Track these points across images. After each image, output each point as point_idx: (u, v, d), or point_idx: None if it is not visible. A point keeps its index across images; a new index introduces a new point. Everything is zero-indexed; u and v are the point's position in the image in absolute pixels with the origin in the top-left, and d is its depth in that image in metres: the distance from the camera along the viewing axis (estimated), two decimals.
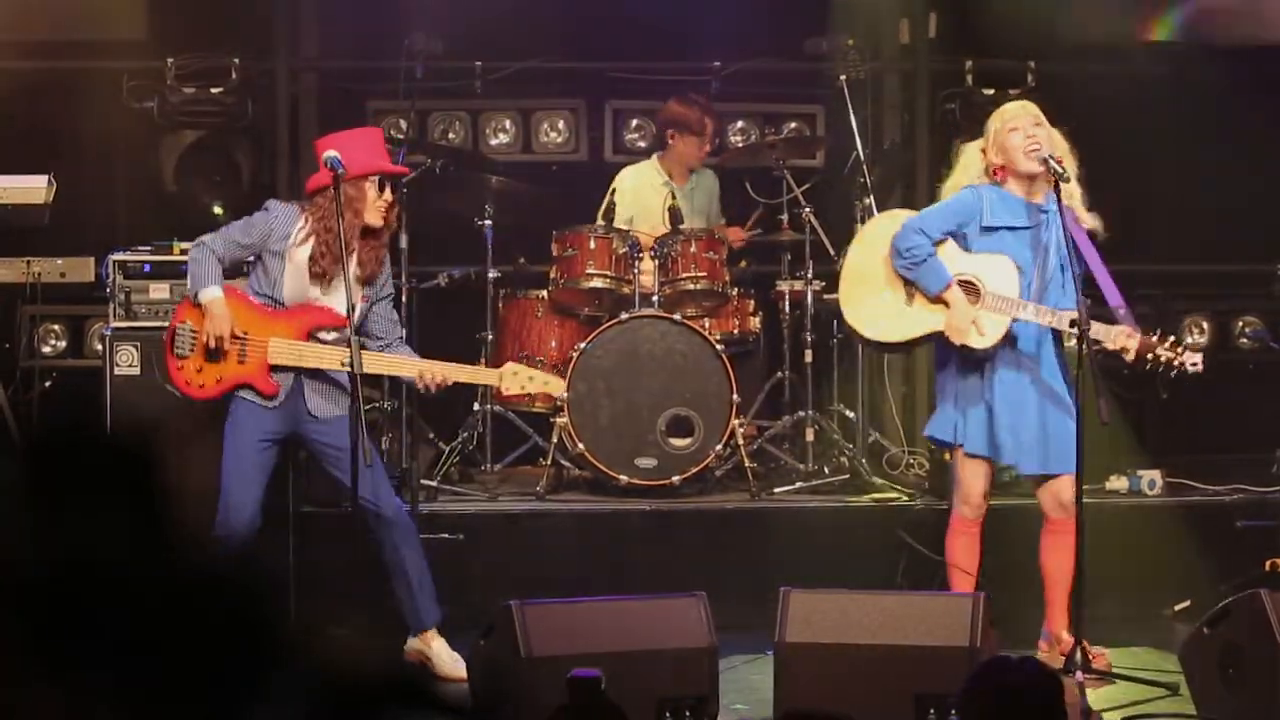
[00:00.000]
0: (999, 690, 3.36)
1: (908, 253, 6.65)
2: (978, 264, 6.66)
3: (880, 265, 6.78)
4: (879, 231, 6.90)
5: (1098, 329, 6.46)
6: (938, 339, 6.72)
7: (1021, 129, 6.63)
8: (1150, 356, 6.51)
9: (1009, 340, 6.63)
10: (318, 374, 6.61)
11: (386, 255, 6.79)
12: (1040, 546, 6.69)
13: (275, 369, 6.59)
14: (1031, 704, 3.36)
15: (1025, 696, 3.36)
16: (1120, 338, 6.50)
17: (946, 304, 6.64)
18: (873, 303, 6.81)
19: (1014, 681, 3.39)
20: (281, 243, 6.59)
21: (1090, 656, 6.57)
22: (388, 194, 6.65)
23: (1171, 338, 6.59)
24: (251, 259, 6.69)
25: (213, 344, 6.54)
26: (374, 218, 6.62)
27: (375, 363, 6.67)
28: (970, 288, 6.64)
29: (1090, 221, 6.66)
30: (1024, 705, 3.35)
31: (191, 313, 6.62)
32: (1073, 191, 6.65)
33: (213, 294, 6.55)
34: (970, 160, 6.80)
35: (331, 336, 6.61)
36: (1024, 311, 6.57)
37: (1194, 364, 6.52)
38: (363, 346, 6.62)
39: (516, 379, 6.71)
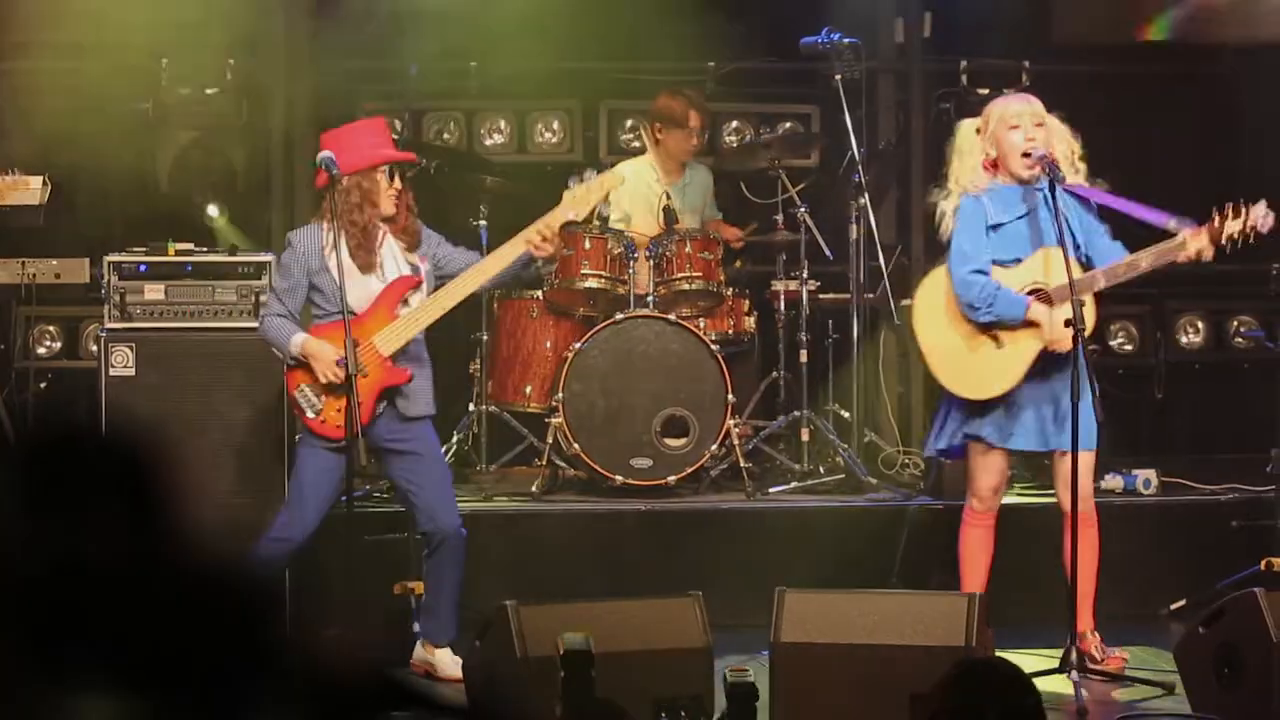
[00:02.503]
0: (972, 693, 3.35)
1: (980, 300, 6.54)
2: (1027, 272, 6.57)
3: (953, 328, 6.66)
4: (931, 298, 6.78)
5: (1164, 248, 6.41)
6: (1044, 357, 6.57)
7: (1022, 128, 6.59)
8: (1224, 241, 6.42)
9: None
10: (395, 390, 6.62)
11: (417, 223, 6.77)
12: (1064, 544, 6.64)
13: (395, 358, 6.58)
14: (1005, 707, 3.35)
15: (1000, 700, 3.35)
16: (1190, 245, 6.41)
17: (1034, 323, 6.53)
18: (972, 366, 6.66)
19: (987, 684, 3.38)
20: (318, 259, 6.58)
21: (1105, 659, 6.58)
22: (398, 181, 6.66)
23: (1228, 208, 6.47)
24: (307, 292, 6.65)
25: (331, 378, 6.50)
26: (387, 206, 6.64)
27: (479, 269, 6.70)
28: (1040, 294, 6.58)
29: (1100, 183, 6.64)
30: (999, 709, 3.34)
31: (297, 374, 6.59)
32: (1079, 168, 6.62)
33: (301, 339, 6.54)
34: (968, 144, 6.75)
35: (416, 297, 6.65)
36: (1099, 282, 6.48)
37: (1264, 216, 6.43)
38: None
39: (579, 200, 6.77)
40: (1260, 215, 6.43)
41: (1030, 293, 6.55)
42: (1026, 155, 6.55)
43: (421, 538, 6.75)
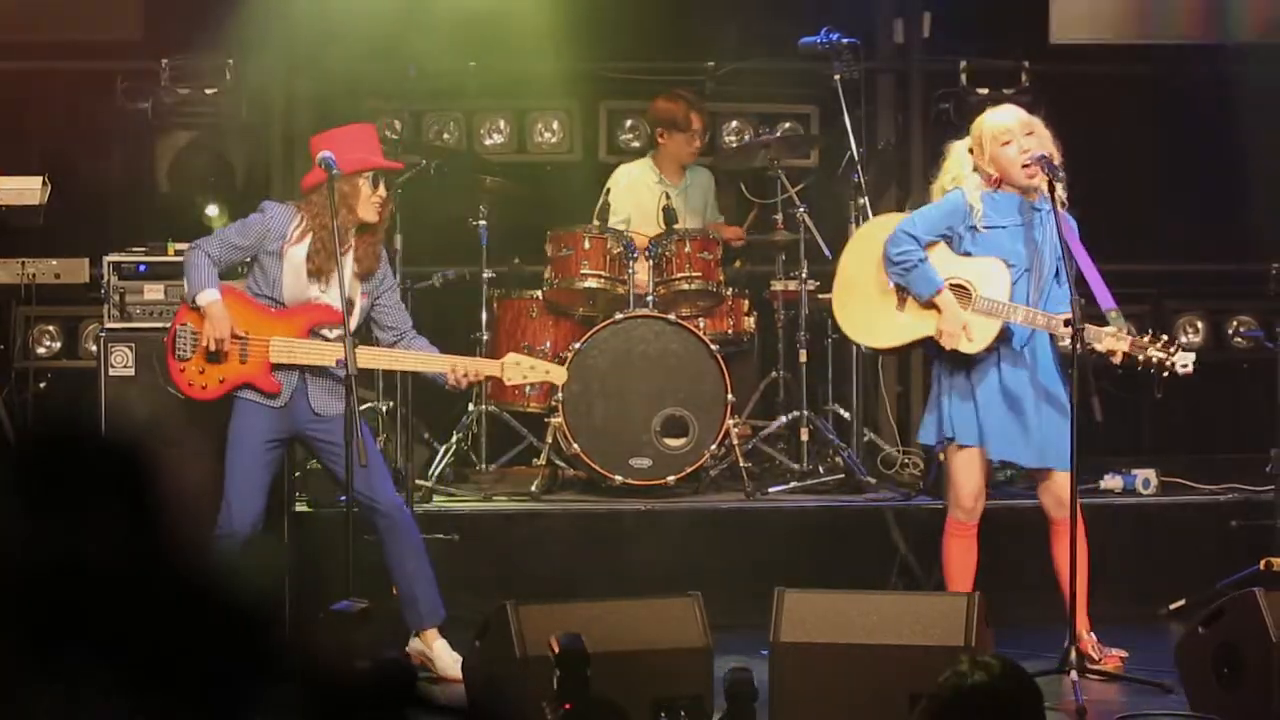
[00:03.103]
0: (967, 692, 3.34)
1: (899, 258, 6.65)
2: (969, 267, 6.65)
3: (873, 270, 6.78)
4: (871, 237, 6.90)
5: (1088, 331, 6.45)
6: (929, 343, 6.72)
7: (1015, 141, 6.60)
8: (1141, 357, 6.49)
9: (1004, 338, 6.62)
10: (321, 372, 6.61)
11: (384, 251, 6.80)
12: (1052, 550, 6.67)
13: (277, 368, 6.59)
14: (1004, 706, 3.34)
15: (996, 699, 3.35)
16: (1109, 339, 6.47)
17: (938, 308, 6.64)
18: (865, 308, 6.82)
19: (983, 684, 3.38)
20: (278, 242, 6.59)
21: (1103, 658, 6.59)
22: (381, 189, 6.66)
23: (1164, 337, 6.57)
24: (248, 260, 6.69)
25: (213, 346, 6.54)
26: (368, 213, 6.62)
27: (399, 359, 6.75)
28: (961, 291, 6.64)
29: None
30: (997, 708, 3.33)
31: (191, 315, 6.62)
32: (1060, 177, 6.64)
33: (210, 296, 6.54)
34: (958, 161, 6.77)
35: (334, 334, 6.60)
36: (1015, 315, 6.56)
37: (1184, 365, 6.49)
38: (374, 339, 6.65)
39: (518, 369, 6.73)
40: (1181, 362, 6.48)
41: (952, 286, 6.61)
42: (1027, 165, 6.56)
43: (372, 532, 6.69)
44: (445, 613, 6.73)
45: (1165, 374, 6.50)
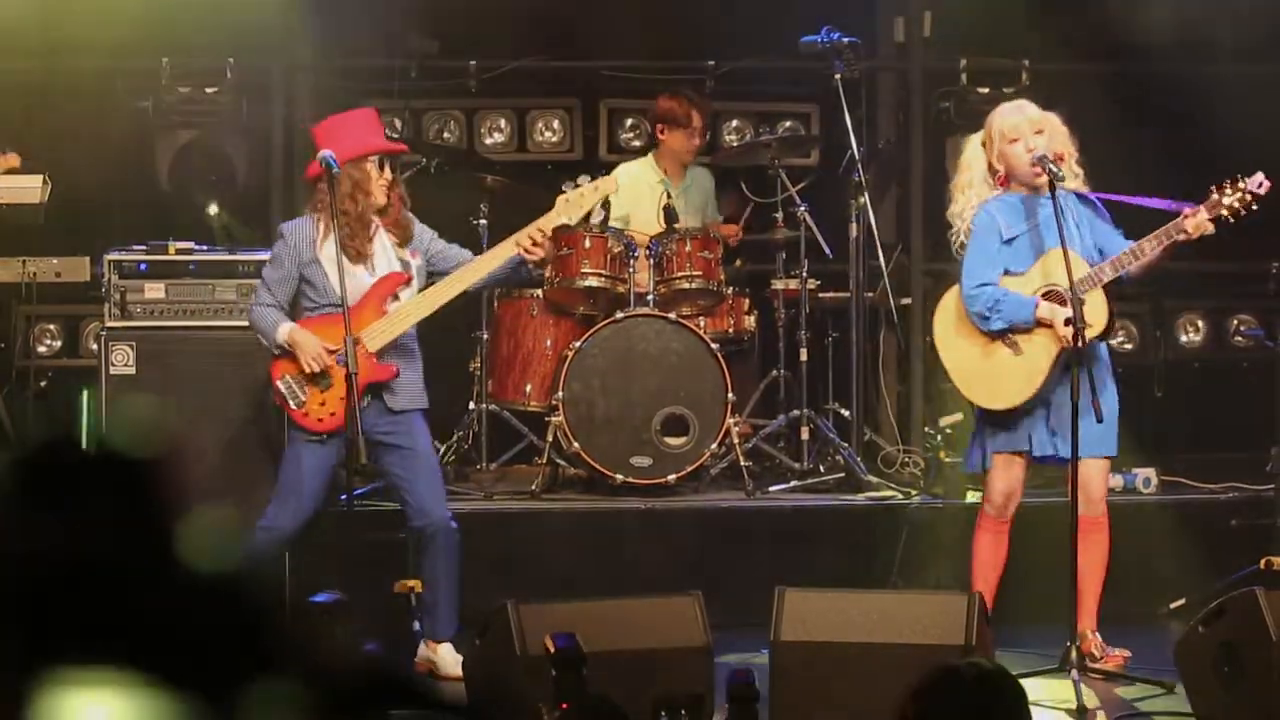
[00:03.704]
0: (957, 692, 3.34)
1: (987, 310, 6.56)
2: (1040, 273, 6.58)
3: (970, 344, 6.68)
4: (946, 317, 6.79)
5: (1162, 232, 6.47)
6: (1067, 356, 6.53)
7: (1022, 139, 6.60)
8: (1225, 213, 6.47)
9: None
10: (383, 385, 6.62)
11: (409, 217, 6.81)
12: (1074, 548, 6.64)
13: (381, 354, 6.60)
14: (992, 707, 3.34)
15: (985, 699, 3.35)
16: (1188, 223, 6.45)
17: (1042, 323, 6.54)
18: (996, 378, 6.66)
19: (972, 684, 3.38)
20: (310, 251, 6.62)
21: (1105, 657, 6.58)
22: (388, 172, 6.68)
23: (1226, 184, 6.52)
24: (298, 284, 6.68)
25: (315, 366, 6.53)
26: (380, 196, 6.66)
27: (473, 270, 6.76)
28: (1053, 294, 6.58)
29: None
30: (986, 708, 3.33)
31: (282, 364, 6.62)
32: (1078, 172, 6.64)
33: (287, 328, 6.58)
34: (974, 156, 6.76)
35: (405, 293, 6.66)
36: (1106, 274, 6.50)
37: (1259, 185, 6.48)
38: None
39: (572, 204, 6.83)
40: (1256, 183, 6.47)
41: (1044, 295, 6.56)
42: (1034, 164, 6.55)
43: (414, 534, 6.74)
44: (458, 628, 6.74)
45: (1252, 205, 6.47)
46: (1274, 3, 9.19)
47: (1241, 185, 6.47)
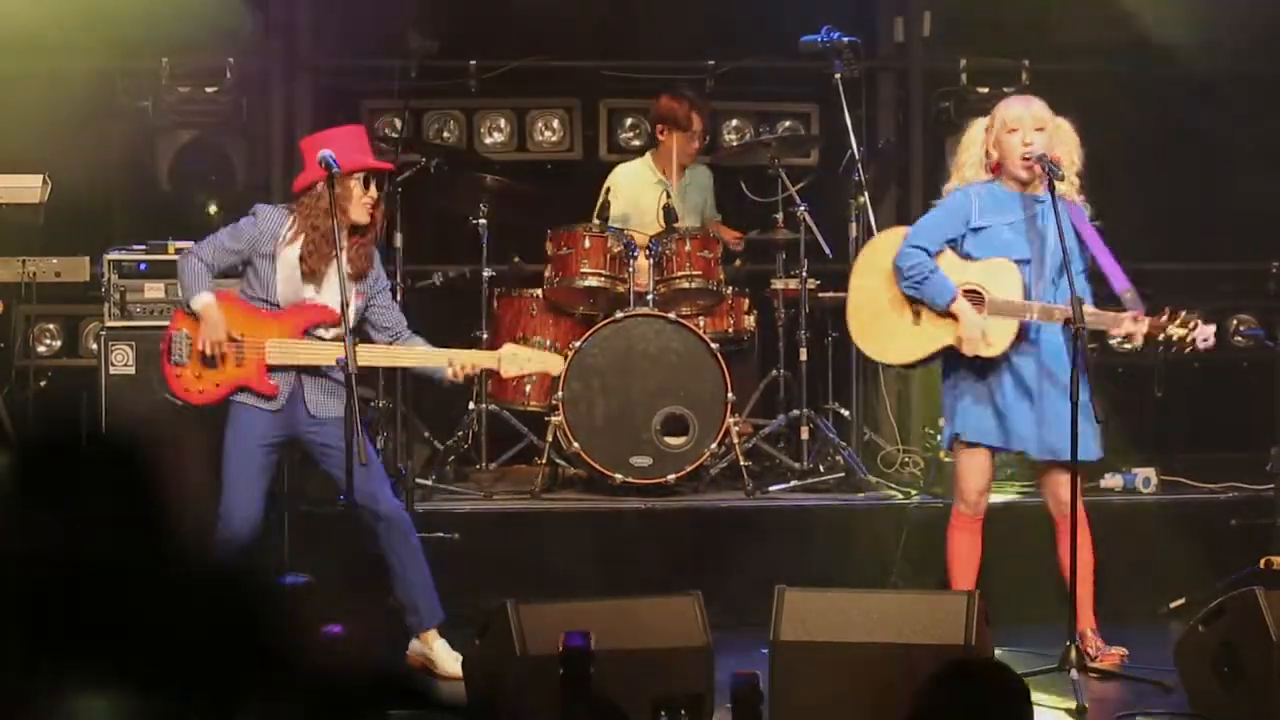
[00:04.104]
0: (962, 692, 3.35)
1: (910, 271, 6.64)
2: (980, 271, 6.65)
3: (884, 288, 6.76)
4: (877, 253, 6.87)
5: (1105, 317, 6.48)
6: (949, 352, 6.70)
7: (1021, 131, 6.62)
8: (1161, 337, 6.51)
9: (1020, 335, 6.62)
10: (317, 374, 6.60)
11: (376, 252, 6.78)
12: (1058, 549, 6.67)
13: (273, 370, 6.59)
14: (995, 706, 3.35)
15: (989, 699, 3.35)
16: (1127, 323, 6.49)
17: (954, 317, 6.63)
18: (882, 326, 6.79)
19: (977, 684, 3.38)
20: (270, 244, 6.58)
21: (1101, 655, 6.59)
22: (373, 190, 6.65)
23: (1182, 314, 6.56)
24: (242, 264, 6.67)
25: (209, 350, 6.52)
26: (360, 215, 6.61)
27: (397, 357, 6.75)
28: (975, 296, 6.63)
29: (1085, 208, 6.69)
30: (988, 708, 3.33)
31: (186, 321, 6.60)
32: (1074, 181, 6.66)
33: (205, 300, 6.54)
34: (975, 138, 6.79)
35: (330, 334, 6.60)
36: (1030, 313, 6.56)
37: (1205, 340, 6.51)
38: (369, 340, 6.65)
39: (515, 360, 6.73)
40: (1203, 336, 6.50)
41: (966, 292, 6.60)
42: (1025, 158, 6.58)
43: (369, 535, 6.69)
44: (444, 614, 6.73)
45: (1188, 349, 6.51)
46: (1275, 3, 9.18)
47: (1193, 330, 6.50)
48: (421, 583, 6.69)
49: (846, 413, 8.78)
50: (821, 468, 8.47)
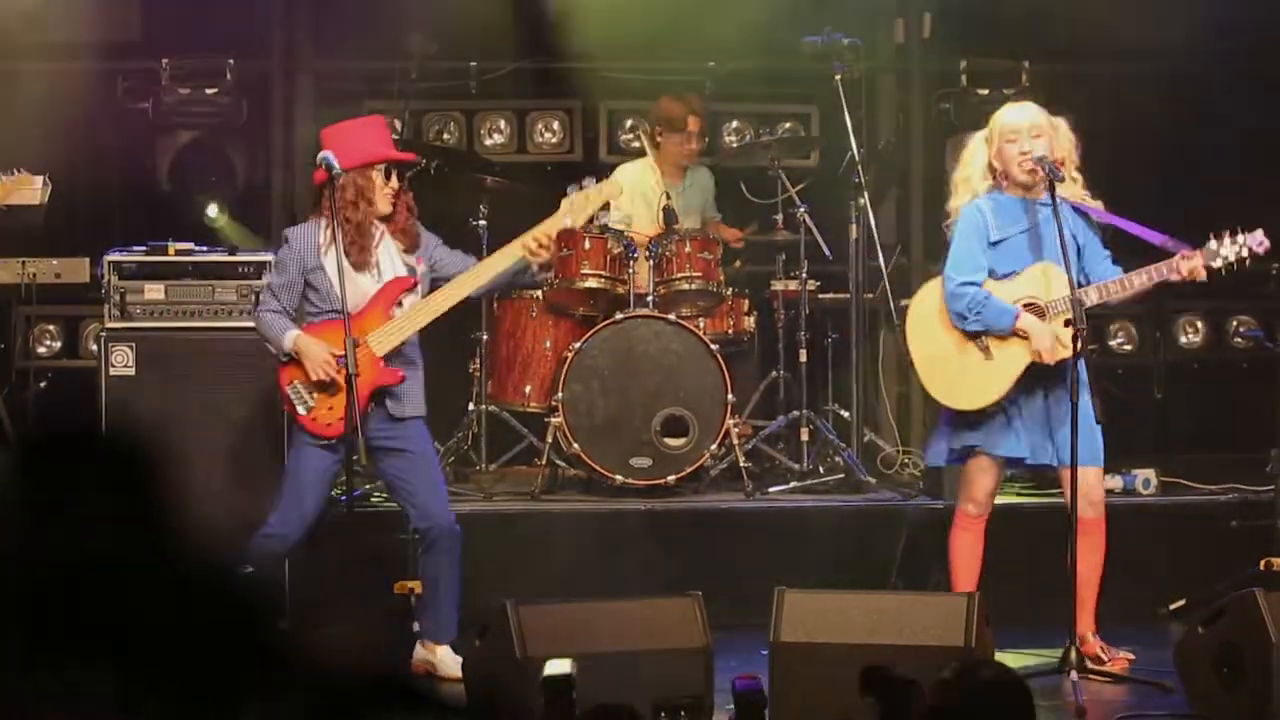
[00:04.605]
0: (966, 694, 3.35)
1: (968, 310, 6.59)
2: (1025, 283, 6.62)
3: (945, 337, 6.69)
4: (924, 309, 6.81)
5: (1159, 268, 6.51)
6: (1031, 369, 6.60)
7: (1019, 140, 6.62)
8: (1219, 263, 6.51)
9: None
10: (386, 391, 6.63)
11: (417, 225, 6.81)
12: (1071, 553, 6.63)
13: (388, 359, 6.60)
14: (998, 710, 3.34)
15: (991, 702, 3.35)
16: (1180, 264, 6.49)
17: (1021, 334, 6.58)
18: (959, 374, 6.69)
19: (981, 687, 3.38)
20: (314, 257, 6.61)
21: (1111, 659, 6.58)
22: (394, 181, 6.67)
23: (1225, 234, 6.55)
24: (303, 289, 6.68)
25: (321, 375, 6.52)
26: (385, 204, 6.65)
27: (477, 273, 6.78)
28: (1033, 307, 6.60)
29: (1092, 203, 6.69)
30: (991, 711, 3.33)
31: (289, 370, 6.62)
32: (1076, 177, 6.65)
33: (294, 334, 6.58)
34: (975, 151, 6.78)
35: (410, 299, 6.67)
36: (1091, 298, 6.54)
37: (1260, 243, 6.52)
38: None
39: (577, 209, 6.81)
40: (1256, 241, 6.51)
41: (1025, 306, 6.59)
42: (1024, 164, 6.57)
43: (416, 536, 6.75)
44: (457, 632, 6.73)
45: (1248, 259, 6.52)
46: (1274, 5, 9.18)
47: (1241, 239, 6.51)
48: (451, 599, 6.72)
49: (846, 414, 8.78)
50: (821, 469, 8.47)
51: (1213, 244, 6.55)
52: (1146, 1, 9.03)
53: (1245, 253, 6.53)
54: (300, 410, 6.59)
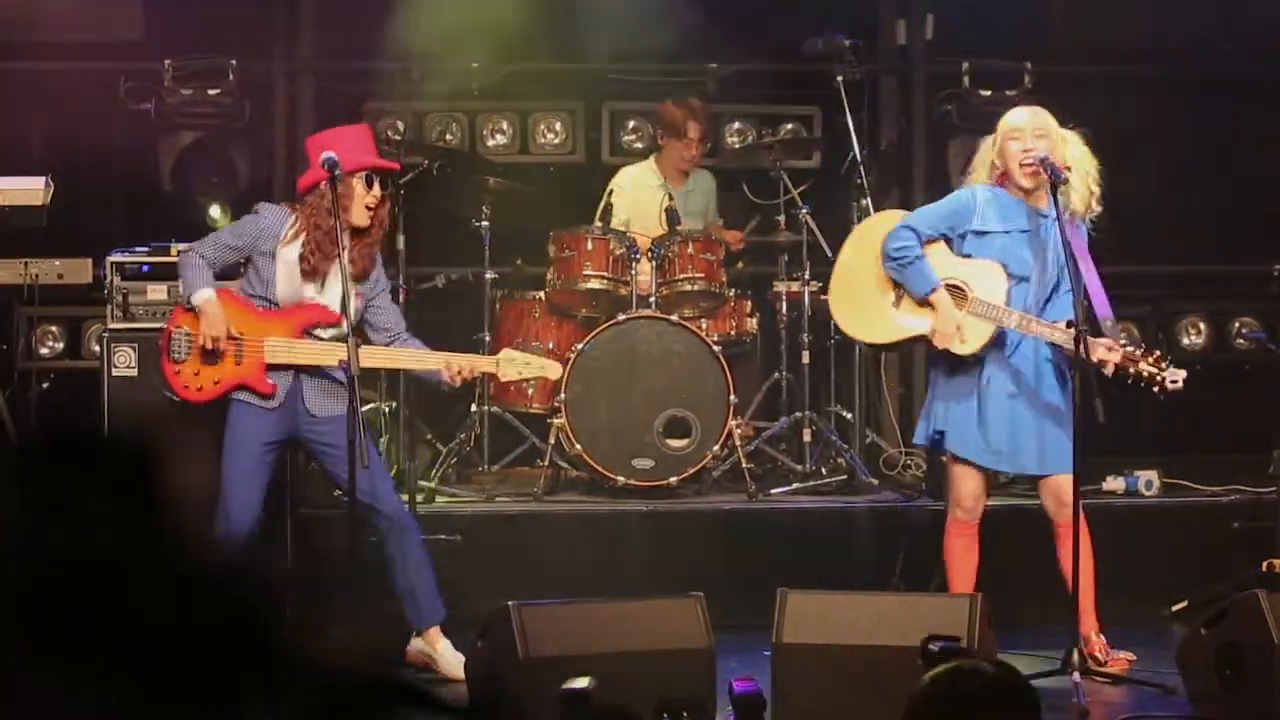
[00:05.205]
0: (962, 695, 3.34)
1: (896, 253, 6.67)
2: (968, 269, 6.66)
3: (871, 265, 6.79)
4: (872, 231, 6.92)
5: (1074, 338, 6.44)
6: (925, 342, 6.75)
7: (1022, 139, 6.62)
8: (1132, 370, 6.51)
9: (999, 343, 6.63)
10: (316, 373, 6.60)
11: (378, 253, 6.78)
12: (1057, 553, 6.66)
13: (272, 368, 6.59)
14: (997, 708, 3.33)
15: (990, 701, 3.34)
16: (1101, 350, 6.48)
17: (933, 307, 6.65)
18: (861, 303, 6.84)
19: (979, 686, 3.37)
20: (271, 242, 6.59)
21: (1110, 660, 6.59)
22: (376, 189, 6.64)
23: (1157, 353, 6.59)
24: (243, 262, 6.68)
25: (209, 345, 6.53)
26: (359, 217, 6.59)
27: (395, 358, 6.75)
28: (958, 292, 6.64)
29: (1096, 209, 6.68)
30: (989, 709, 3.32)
31: (186, 317, 6.61)
32: (1091, 186, 6.63)
33: (205, 295, 6.54)
34: (984, 153, 6.81)
35: (328, 334, 6.60)
36: (1009, 320, 6.56)
37: (1174, 382, 6.51)
38: (368, 342, 6.65)
39: (513, 364, 6.73)
40: (1171, 379, 6.51)
41: (949, 286, 6.61)
42: (1026, 163, 6.57)
43: (371, 533, 6.69)
44: (446, 612, 6.74)
45: (1155, 389, 6.51)
46: (1274, 6, 9.18)
47: (1164, 372, 6.49)
48: (423, 580, 6.69)
49: (849, 415, 8.78)
50: (824, 470, 8.48)
51: (1138, 352, 6.55)
52: (1147, 2, 9.03)
53: (1160, 381, 6.49)
54: (171, 355, 6.60)
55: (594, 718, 3.94)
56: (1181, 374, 6.55)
